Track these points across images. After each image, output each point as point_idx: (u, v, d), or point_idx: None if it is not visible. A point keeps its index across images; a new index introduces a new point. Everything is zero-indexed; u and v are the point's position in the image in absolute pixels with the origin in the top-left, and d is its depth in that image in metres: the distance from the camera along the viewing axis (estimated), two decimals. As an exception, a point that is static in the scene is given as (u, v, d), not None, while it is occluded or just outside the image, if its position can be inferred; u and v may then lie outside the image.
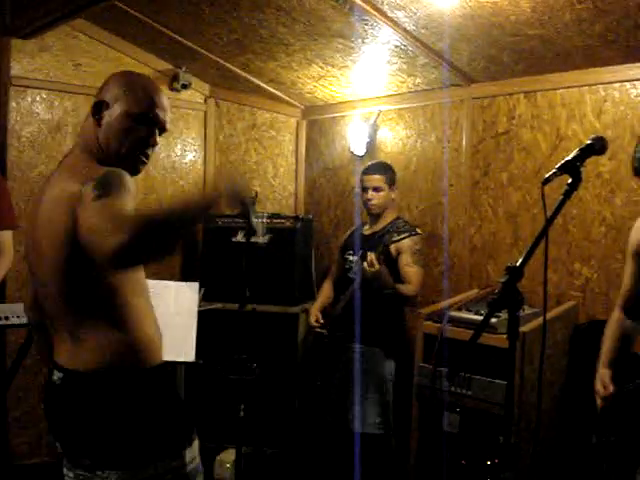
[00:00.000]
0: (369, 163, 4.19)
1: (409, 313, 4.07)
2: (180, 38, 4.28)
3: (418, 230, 3.74)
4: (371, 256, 3.56)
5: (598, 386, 2.46)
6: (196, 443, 1.99)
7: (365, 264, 3.58)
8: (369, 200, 4.00)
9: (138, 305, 1.95)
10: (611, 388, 2.40)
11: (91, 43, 4.46)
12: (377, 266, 3.55)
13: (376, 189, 3.98)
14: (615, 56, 3.48)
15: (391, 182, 4.03)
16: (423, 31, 3.60)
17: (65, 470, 1.97)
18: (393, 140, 4.75)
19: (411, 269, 3.83)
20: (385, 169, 4.07)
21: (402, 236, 3.67)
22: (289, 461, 4.45)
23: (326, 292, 4.33)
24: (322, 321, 4.12)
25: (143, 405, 1.88)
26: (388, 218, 4.05)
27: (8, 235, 3.68)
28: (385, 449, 3.97)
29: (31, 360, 4.20)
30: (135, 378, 1.90)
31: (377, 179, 3.99)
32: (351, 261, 4.04)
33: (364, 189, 4.04)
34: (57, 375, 1.91)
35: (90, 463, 1.85)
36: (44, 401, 2.00)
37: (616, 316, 2.65)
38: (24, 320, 3.31)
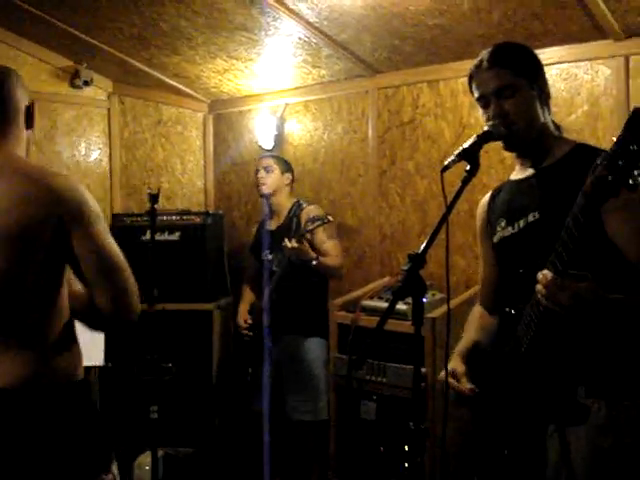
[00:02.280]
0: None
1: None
2: (79, 34, 4.17)
3: (329, 218, 3.77)
4: (291, 242, 3.63)
5: (450, 380, 2.24)
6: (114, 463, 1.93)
7: (286, 246, 3.63)
8: (260, 179, 4.10)
9: (67, 312, 1.87)
10: (467, 385, 2.16)
11: (-13, 40, 4.31)
12: (297, 245, 3.64)
13: (266, 168, 4.09)
14: (513, 44, 3.56)
15: (284, 168, 4.14)
16: (326, 23, 3.60)
17: None
18: (301, 132, 4.75)
19: (328, 244, 3.90)
20: (278, 157, 4.27)
21: (316, 224, 3.70)
22: (209, 460, 4.41)
23: (248, 295, 4.34)
24: (250, 322, 4.15)
25: (77, 422, 1.79)
26: (287, 206, 4.11)
27: None
28: (320, 435, 3.96)
29: None
30: (71, 392, 1.81)
31: (268, 161, 4.13)
32: (269, 260, 4.04)
33: (256, 172, 4.16)
34: None
35: None
36: None
37: (476, 310, 2.44)
38: None
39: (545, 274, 1.67)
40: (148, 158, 5.19)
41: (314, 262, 3.75)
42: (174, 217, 4.60)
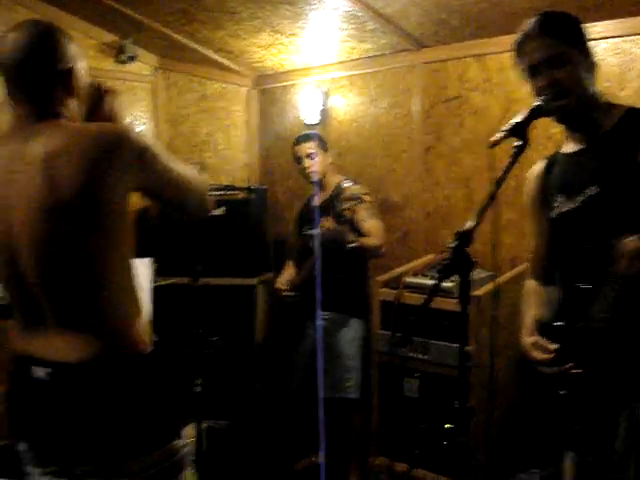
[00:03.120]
0: (297, 136, 4.16)
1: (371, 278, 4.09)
2: (124, 9, 4.17)
3: (365, 197, 3.73)
4: (328, 221, 3.59)
5: (534, 354, 2.15)
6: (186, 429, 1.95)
7: (324, 227, 3.60)
8: (306, 169, 4.00)
9: (131, 286, 1.86)
10: (553, 346, 2.07)
11: (32, 17, 4.30)
12: (334, 226, 3.57)
13: (309, 156, 3.99)
14: (563, 17, 3.47)
15: (324, 147, 4.04)
16: (371, -4, 3.56)
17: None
18: (345, 107, 4.71)
19: (368, 222, 3.82)
20: (313, 135, 4.09)
21: (351, 203, 3.67)
22: (250, 434, 4.45)
23: (289, 268, 4.30)
24: (288, 286, 4.10)
25: (146, 393, 1.80)
26: (332, 182, 4.04)
27: None
28: (353, 413, 3.98)
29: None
30: (137, 365, 1.81)
31: (308, 146, 4.00)
32: (310, 235, 4.02)
33: (298, 160, 4.05)
34: (43, 370, 1.74)
35: (93, 459, 1.75)
36: (22, 403, 1.84)
37: (531, 285, 2.41)
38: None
39: (632, 240, 1.65)
40: (192, 133, 5.20)
41: (351, 245, 3.71)
42: (218, 192, 4.61)
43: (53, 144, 1.68)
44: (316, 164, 3.98)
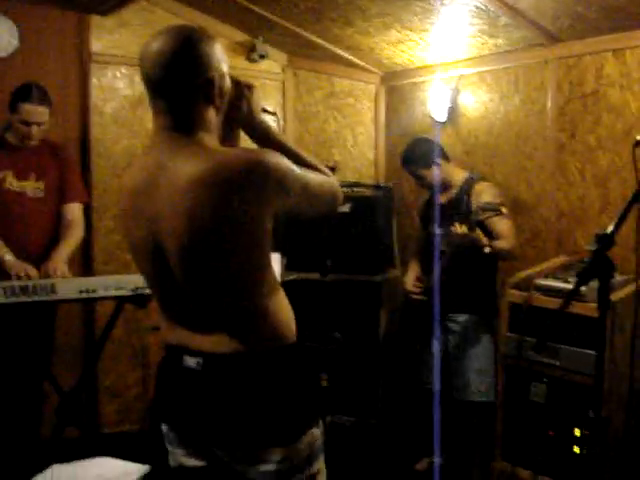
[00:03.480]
0: (403, 154, 4.09)
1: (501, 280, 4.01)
2: (256, 8, 4.26)
3: (503, 210, 3.60)
4: (462, 227, 3.51)
5: None
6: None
7: (457, 232, 3.53)
8: (429, 184, 3.94)
9: (275, 279, 1.91)
10: None
11: (168, 17, 4.48)
12: (468, 232, 3.51)
13: (420, 177, 3.96)
14: None
15: (433, 164, 3.89)
16: (505, -11, 3.48)
17: (193, 460, 1.92)
18: (475, 104, 4.63)
19: (501, 224, 3.70)
20: (419, 160, 3.95)
21: (487, 215, 3.55)
22: (372, 431, 4.46)
23: (414, 267, 4.24)
24: (421, 286, 4.04)
25: (291, 383, 1.84)
26: (458, 179, 3.95)
27: (78, 209, 3.81)
28: (487, 417, 3.91)
29: (120, 330, 4.33)
30: (282, 356, 1.85)
31: (423, 174, 3.93)
32: (437, 234, 3.95)
33: (420, 180, 4.00)
34: (193, 360, 1.81)
35: (247, 447, 1.81)
36: (172, 390, 1.90)
37: None
38: (112, 292, 3.40)
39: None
40: (320, 130, 5.25)
41: (486, 250, 3.61)
42: (345, 189, 4.53)
43: (195, 168, 1.69)
44: (435, 178, 3.89)
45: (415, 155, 3.99)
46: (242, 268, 1.77)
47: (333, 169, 3.39)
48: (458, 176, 3.97)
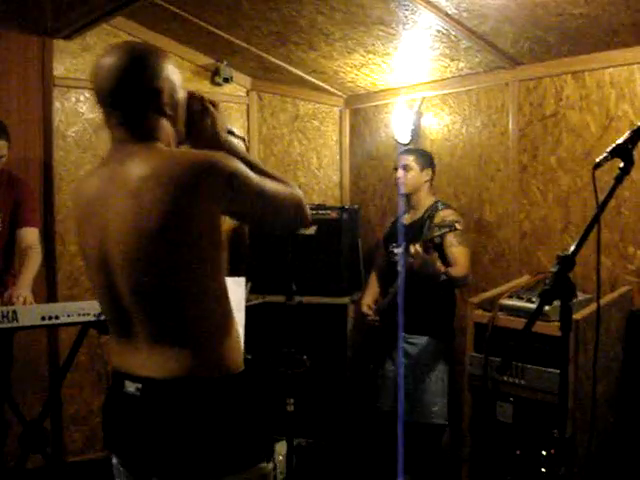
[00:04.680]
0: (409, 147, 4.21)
1: (460, 301, 4.04)
2: (220, 32, 4.28)
3: (457, 226, 3.66)
4: (415, 247, 3.52)
5: None
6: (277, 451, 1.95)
7: (411, 252, 3.53)
8: (397, 179, 4.04)
9: (227, 303, 1.86)
10: None
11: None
12: (421, 254, 3.51)
13: (405, 167, 4.00)
14: (665, 32, 3.37)
15: (424, 164, 4.02)
16: (465, 14, 3.53)
17: None
18: (438, 127, 4.68)
19: (456, 249, 3.79)
20: (417, 151, 4.16)
21: (442, 231, 3.59)
22: (339, 453, 4.44)
23: (374, 283, 4.30)
24: (374, 309, 4.09)
25: (235, 413, 1.79)
26: (425, 204, 4.02)
27: (33, 233, 3.78)
28: (440, 439, 3.94)
29: (84, 357, 4.28)
30: (226, 384, 1.80)
31: (407, 159, 4.03)
32: (395, 254, 4.01)
33: (396, 168, 4.09)
34: (133, 386, 1.77)
35: (186, 477, 1.76)
36: (114, 417, 1.86)
37: None
38: (75, 319, 3.36)
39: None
40: (285, 153, 5.26)
41: (441, 278, 3.68)
42: (310, 211, 4.63)
43: (145, 168, 1.70)
44: (408, 177, 3.99)
45: (422, 151, 4.19)
46: (187, 280, 1.74)
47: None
48: (426, 200, 4.03)
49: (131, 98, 1.79)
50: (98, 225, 1.77)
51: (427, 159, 4.08)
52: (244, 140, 2.23)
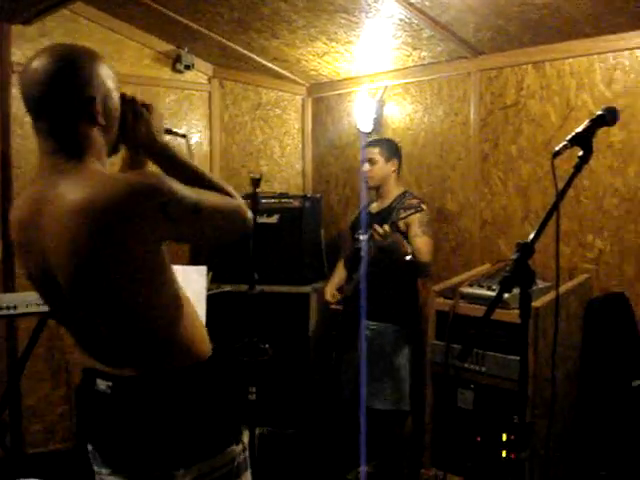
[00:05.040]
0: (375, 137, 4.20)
1: (422, 289, 4.07)
2: (181, 18, 4.23)
3: (423, 206, 3.68)
4: (384, 227, 3.53)
5: None
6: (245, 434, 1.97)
7: (378, 232, 3.53)
8: (364, 172, 4.05)
9: (183, 295, 1.87)
10: None
11: (91, 26, 4.43)
12: (390, 233, 3.52)
13: (370, 160, 4.01)
14: (624, 23, 3.40)
15: (389, 155, 4.03)
16: (427, 3, 3.53)
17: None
18: (400, 115, 4.69)
19: (420, 239, 3.79)
20: (382, 142, 4.14)
21: (408, 212, 3.61)
22: (303, 442, 4.45)
23: (339, 272, 4.31)
24: (338, 297, 4.10)
25: (205, 400, 1.82)
26: (393, 193, 4.03)
27: None
28: (402, 425, 3.96)
29: (43, 348, 4.22)
30: (192, 373, 1.82)
31: (372, 152, 4.03)
32: (361, 240, 4.01)
33: (362, 162, 4.10)
34: (104, 384, 1.79)
35: (158, 467, 1.78)
36: (88, 413, 1.89)
37: None
38: (33, 309, 3.31)
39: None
40: (247, 141, 5.24)
41: (407, 257, 3.67)
42: (272, 200, 4.63)
43: (77, 195, 1.62)
44: (374, 170, 4.00)
45: (386, 141, 4.16)
46: (135, 298, 1.72)
47: (259, 180, 3.39)
48: (395, 190, 4.05)
49: (61, 107, 1.68)
50: (37, 250, 1.73)
51: (392, 149, 4.08)
52: (185, 137, 2.18)
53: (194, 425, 1.79)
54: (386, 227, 3.51)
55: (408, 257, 3.64)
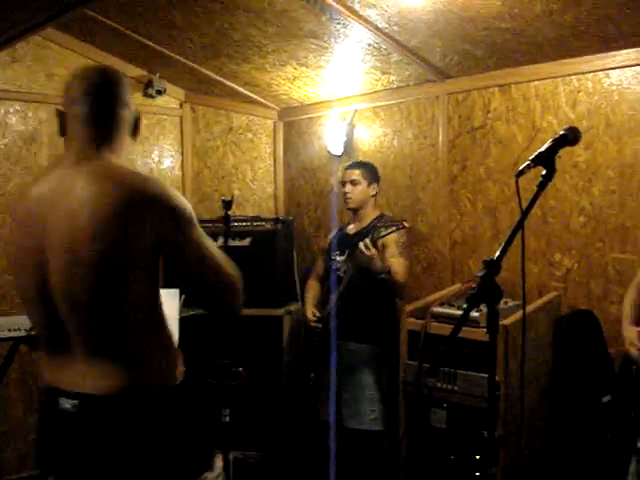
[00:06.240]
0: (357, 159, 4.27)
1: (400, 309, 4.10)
2: (152, 44, 4.25)
3: (405, 223, 3.72)
4: (366, 242, 3.56)
5: (632, 336, 2.70)
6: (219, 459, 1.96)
7: (361, 247, 3.56)
8: (346, 193, 4.07)
9: (163, 316, 1.88)
10: None
11: (63, 52, 4.43)
12: (373, 250, 3.56)
13: (353, 182, 4.05)
14: (587, 46, 3.49)
15: (371, 179, 4.08)
16: (395, 28, 3.59)
17: None
18: (370, 138, 4.75)
19: (396, 260, 3.83)
20: (365, 165, 4.17)
21: (389, 230, 3.63)
22: (277, 465, 4.43)
23: (314, 291, 4.31)
24: (319, 315, 4.09)
25: (175, 425, 1.80)
26: (371, 216, 4.07)
27: None
28: (378, 445, 3.97)
29: (15, 373, 4.18)
30: (165, 397, 1.81)
31: (354, 173, 4.07)
32: (338, 261, 4.03)
33: (343, 183, 4.12)
34: (69, 402, 1.75)
35: None
36: (50, 434, 1.83)
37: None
38: (6, 334, 3.28)
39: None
40: (219, 165, 5.26)
41: (384, 275, 3.71)
42: (245, 223, 4.64)
43: (98, 185, 1.72)
44: (356, 191, 4.04)
45: (369, 165, 4.19)
46: (126, 295, 1.74)
47: (230, 202, 3.40)
48: (372, 213, 4.10)
49: (109, 117, 1.88)
50: (41, 228, 1.75)
51: (374, 173, 4.14)
52: None
53: (168, 450, 1.76)
54: (367, 241, 3.55)
55: (383, 275, 3.68)
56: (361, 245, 3.58)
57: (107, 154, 1.83)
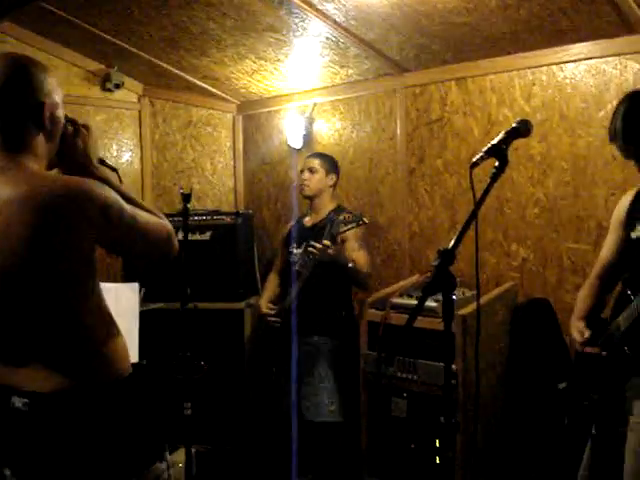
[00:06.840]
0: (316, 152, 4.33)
1: (354, 301, 4.13)
2: (110, 37, 4.22)
3: (365, 219, 3.74)
4: (324, 242, 3.58)
5: (575, 334, 2.67)
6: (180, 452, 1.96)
7: (316, 247, 3.58)
8: (303, 181, 4.09)
9: (107, 310, 1.89)
10: (587, 334, 2.61)
11: (20, 46, 4.36)
12: (333, 249, 3.58)
13: (311, 169, 4.08)
14: (541, 40, 3.56)
15: (329, 169, 4.11)
16: (353, 22, 3.62)
17: None
18: (329, 132, 4.77)
19: (358, 253, 3.85)
20: (324, 156, 4.20)
21: (349, 226, 3.65)
22: (240, 458, 4.45)
23: (272, 285, 4.32)
24: (274, 309, 4.11)
25: (123, 418, 1.81)
26: (328, 207, 4.09)
27: None
28: (339, 436, 4.00)
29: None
30: (112, 390, 1.81)
31: (313, 162, 4.10)
32: (295, 254, 4.05)
33: (302, 171, 4.14)
34: (20, 401, 1.75)
35: None
36: (3, 433, 1.81)
37: (591, 281, 2.83)
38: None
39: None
40: (179, 159, 5.25)
41: (350, 265, 3.74)
42: (205, 217, 4.65)
43: (17, 190, 1.68)
44: (314, 180, 4.06)
45: (328, 156, 4.22)
46: (61, 299, 1.74)
47: (189, 195, 3.41)
48: (329, 204, 4.11)
49: (11, 107, 1.78)
50: None
51: (333, 164, 4.16)
52: (116, 171, 2.21)
53: (117, 444, 1.78)
54: (326, 242, 3.57)
55: (350, 265, 3.71)
56: (315, 246, 3.60)
57: (22, 160, 1.78)
